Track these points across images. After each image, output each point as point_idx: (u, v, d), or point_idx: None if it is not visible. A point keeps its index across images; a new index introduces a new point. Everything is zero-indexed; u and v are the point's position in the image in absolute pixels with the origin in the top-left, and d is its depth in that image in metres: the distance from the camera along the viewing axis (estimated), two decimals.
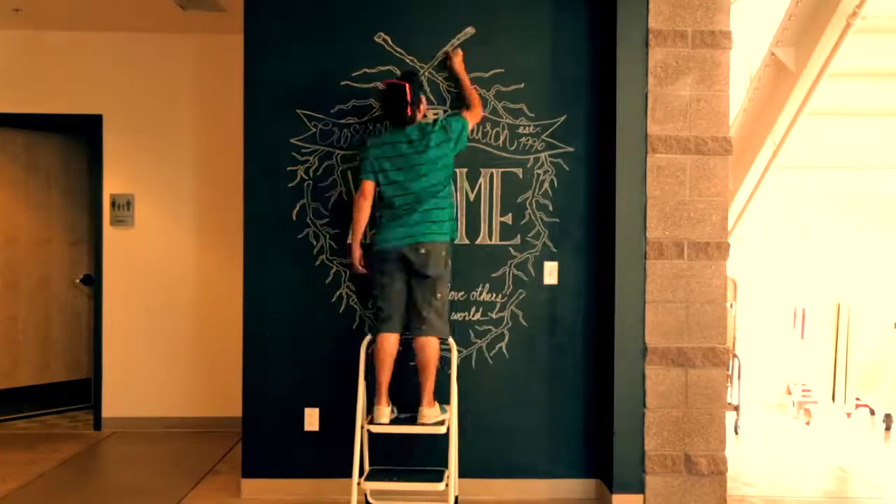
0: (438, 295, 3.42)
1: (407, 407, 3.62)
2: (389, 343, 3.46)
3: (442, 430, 3.44)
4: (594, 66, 3.77)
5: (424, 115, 3.55)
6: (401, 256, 3.39)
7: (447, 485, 3.39)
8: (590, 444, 3.79)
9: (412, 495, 3.58)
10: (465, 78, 3.67)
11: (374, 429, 3.46)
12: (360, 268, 3.53)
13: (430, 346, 3.42)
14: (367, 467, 3.60)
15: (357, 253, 3.52)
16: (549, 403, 3.78)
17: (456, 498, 3.56)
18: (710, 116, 3.60)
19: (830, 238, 6.07)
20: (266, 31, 3.75)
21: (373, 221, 3.55)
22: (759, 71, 4.71)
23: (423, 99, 3.53)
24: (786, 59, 4.40)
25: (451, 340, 3.57)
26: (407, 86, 3.36)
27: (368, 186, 3.45)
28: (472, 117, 3.56)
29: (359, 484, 3.40)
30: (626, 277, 3.60)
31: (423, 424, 3.42)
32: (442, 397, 3.57)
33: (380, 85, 3.56)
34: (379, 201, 3.48)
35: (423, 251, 3.36)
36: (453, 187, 3.55)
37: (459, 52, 3.69)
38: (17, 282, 5.40)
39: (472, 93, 3.64)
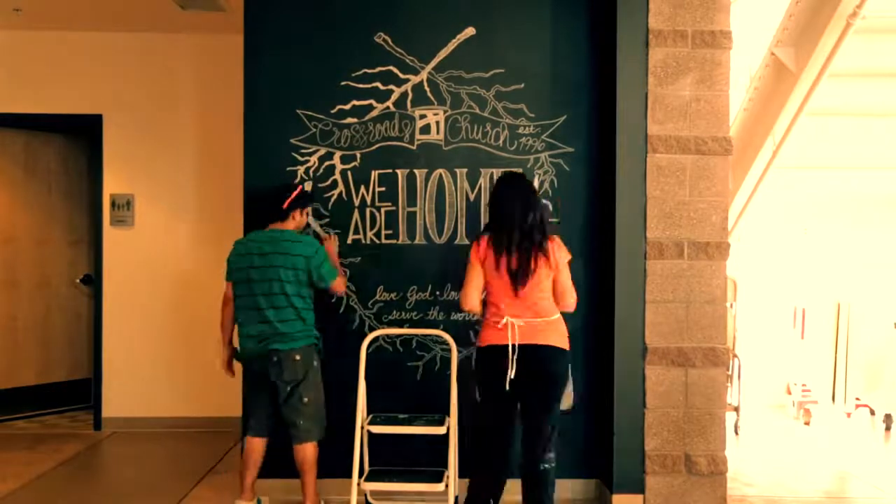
0: (305, 399, 3.38)
1: (408, 407, 3.63)
2: (256, 447, 3.48)
3: (442, 430, 3.44)
4: (594, 66, 3.77)
5: (306, 226, 3.59)
6: (261, 368, 3.40)
7: (447, 485, 3.39)
8: (590, 444, 3.79)
9: (412, 495, 3.59)
10: (334, 262, 3.57)
11: (374, 429, 3.46)
12: (227, 371, 3.58)
13: (303, 450, 3.41)
14: (367, 467, 3.60)
15: (224, 355, 3.56)
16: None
17: (456, 498, 3.56)
18: (710, 116, 3.60)
19: (830, 238, 6.07)
20: (266, 31, 3.75)
21: None
22: (759, 71, 4.71)
23: (308, 212, 3.55)
24: (786, 59, 4.39)
25: (450, 340, 3.57)
26: (300, 188, 3.49)
27: (229, 287, 3.49)
28: (338, 284, 3.48)
29: (358, 484, 3.40)
30: (626, 277, 3.60)
31: None
32: (441, 398, 3.57)
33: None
34: (236, 301, 3.46)
35: (275, 358, 3.35)
36: (311, 304, 3.44)
37: (332, 238, 3.67)
38: (17, 282, 5.40)
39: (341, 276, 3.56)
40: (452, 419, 3.46)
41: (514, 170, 3.67)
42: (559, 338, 3.10)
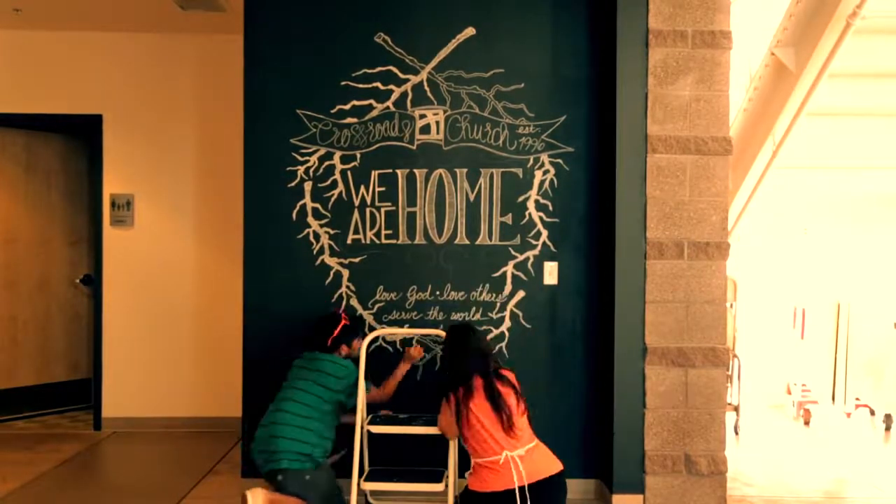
0: None
1: (407, 407, 3.63)
2: None
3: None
4: (594, 66, 3.77)
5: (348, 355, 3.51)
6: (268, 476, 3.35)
7: (447, 485, 3.39)
8: (590, 444, 3.79)
9: (412, 496, 3.59)
10: (401, 372, 3.59)
11: (374, 429, 3.46)
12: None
13: None
14: (367, 467, 3.60)
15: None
16: (549, 403, 3.78)
17: (456, 498, 3.56)
18: (710, 116, 3.60)
19: (830, 238, 6.07)
20: (266, 31, 3.75)
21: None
22: (759, 71, 4.71)
23: (355, 344, 3.50)
24: (786, 59, 4.39)
25: None
26: (343, 317, 3.48)
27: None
28: (376, 395, 3.52)
29: (358, 484, 3.40)
30: (626, 277, 3.60)
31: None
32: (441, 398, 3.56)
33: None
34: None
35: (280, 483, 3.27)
36: (324, 428, 3.37)
37: (418, 349, 3.62)
38: (17, 282, 5.40)
39: (392, 385, 3.57)
40: None
41: (513, 170, 3.68)
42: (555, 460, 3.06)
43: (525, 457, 2.96)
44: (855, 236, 6.03)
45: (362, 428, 3.47)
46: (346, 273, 3.76)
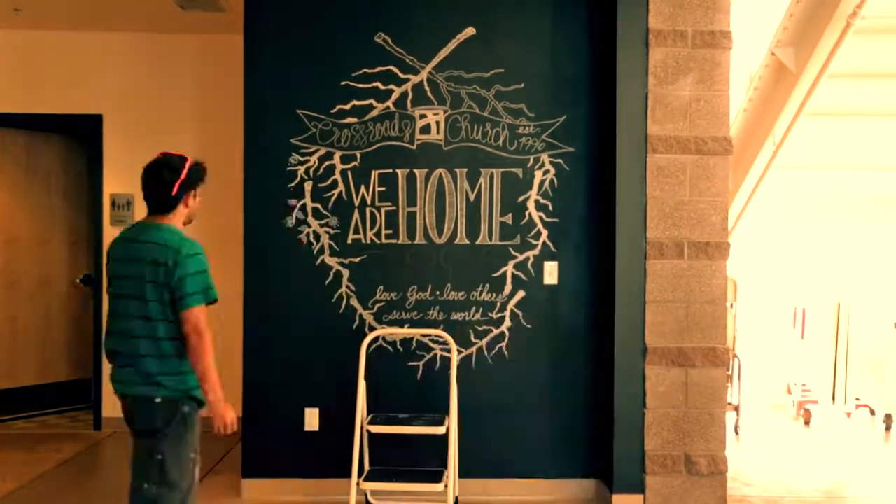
0: (158, 456, 2.53)
1: (408, 407, 3.63)
2: None
3: (441, 430, 3.45)
4: (594, 66, 3.77)
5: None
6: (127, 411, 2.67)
7: (447, 485, 3.39)
8: (590, 444, 3.79)
9: (412, 496, 3.58)
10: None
11: (374, 429, 3.46)
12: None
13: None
14: (367, 467, 3.60)
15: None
16: (549, 403, 3.78)
17: (456, 498, 3.57)
18: (710, 116, 3.60)
19: (830, 238, 6.07)
20: (266, 31, 3.75)
21: None
22: (759, 71, 4.71)
23: (193, 193, 2.73)
24: (786, 59, 4.39)
25: (450, 340, 3.57)
26: (188, 160, 2.68)
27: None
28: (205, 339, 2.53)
29: (358, 484, 3.40)
30: (626, 277, 3.60)
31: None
32: (441, 398, 3.57)
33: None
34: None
35: (135, 413, 2.62)
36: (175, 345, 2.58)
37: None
38: (18, 282, 5.40)
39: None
40: (452, 419, 3.46)
41: (513, 170, 3.68)
42: None
43: None
44: (855, 236, 6.03)
45: (362, 428, 3.47)
46: (346, 273, 3.76)
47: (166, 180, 2.62)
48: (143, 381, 2.57)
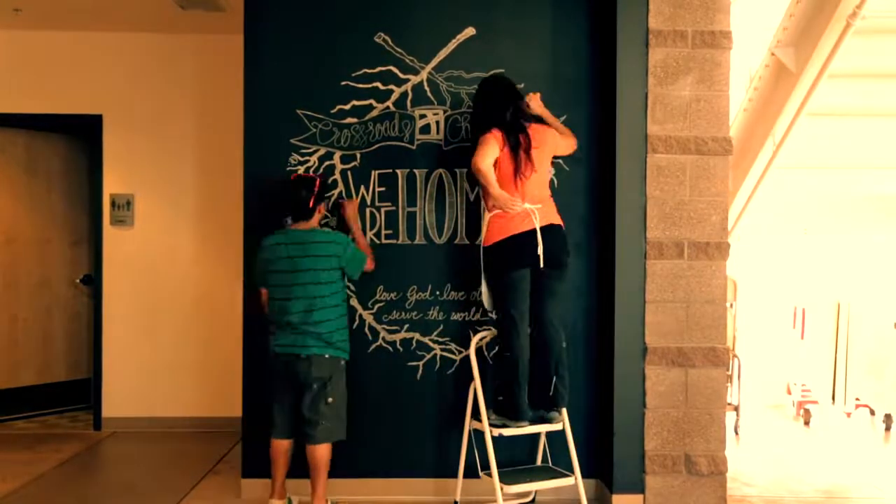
0: (330, 399, 3.36)
1: (408, 408, 3.61)
2: (281, 448, 3.45)
3: (558, 426, 3.49)
4: (594, 67, 3.77)
5: (324, 220, 3.59)
6: (286, 364, 3.39)
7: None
8: (590, 444, 3.79)
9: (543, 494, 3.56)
10: (357, 229, 3.64)
11: (497, 431, 3.41)
12: None
13: (319, 451, 3.37)
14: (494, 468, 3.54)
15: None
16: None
17: (455, 502, 3.57)
18: (710, 116, 3.60)
19: (830, 238, 6.07)
20: (266, 31, 3.75)
21: None
22: (759, 71, 4.71)
23: (324, 203, 3.53)
24: (786, 59, 4.39)
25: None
26: (318, 180, 3.45)
27: (264, 294, 3.48)
28: (369, 264, 3.52)
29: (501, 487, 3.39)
30: (626, 277, 3.60)
31: None
32: (449, 399, 3.57)
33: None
34: (270, 304, 3.46)
35: (305, 365, 3.34)
36: (345, 305, 3.48)
37: (353, 201, 3.69)
38: (18, 282, 5.40)
39: (366, 246, 3.60)
40: (564, 415, 3.50)
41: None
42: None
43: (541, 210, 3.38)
44: (855, 236, 6.03)
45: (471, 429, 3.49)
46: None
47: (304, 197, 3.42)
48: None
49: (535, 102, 3.55)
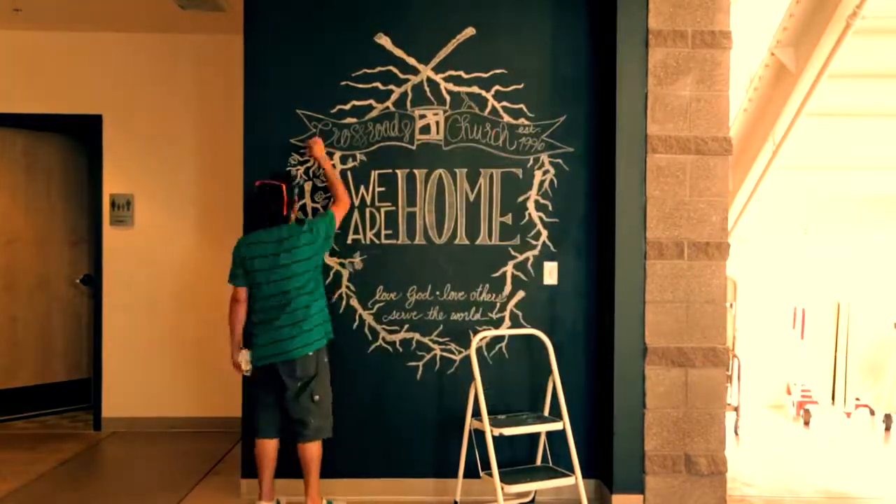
0: (316, 397, 3.38)
1: (408, 408, 3.61)
2: (268, 448, 3.46)
3: (559, 426, 3.49)
4: (594, 67, 3.77)
5: (297, 216, 3.59)
6: (269, 365, 3.38)
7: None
8: (590, 444, 3.79)
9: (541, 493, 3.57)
10: (328, 167, 3.62)
11: (497, 431, 3.42)
12: (240, 370, 3.48)
13: (311, 449, 3.39)
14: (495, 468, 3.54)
15: (236, 357, 3.48)
16: (549, 404, 3.78)
17: (455, 501, 3.57)
18: (710, 116, 3.60)
19: (830, 238, 6.06)
20: (266, 31, 3.75)
21: None
22: (759, 71, 4.71)
23: (297, 200, 3.59)
24: (786, 59, 4.39)
25: (546, 339, 3.59)
26: (283, 186, 3.44)
27: (241, 292, 3.45)
28: (340, 208, 3.55)
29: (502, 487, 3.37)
30: (626, 277, 3.60)
31: None
32: (448, 399, 3.56)
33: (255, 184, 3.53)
34: (250, 303, 3.46)
35: (292, 366, 3.34)
36: (323, 288, 3.51)
37: (318, 140, 3.65)
38: (17, 282, 5.40)
39: (338, 185, 3.60)
40: (565, 416, 3.51)
41: (513, 170, 3.70)
42: None
43: None
44: (855, 236, 6.03)
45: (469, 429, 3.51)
46: (345, 273, 3.76)
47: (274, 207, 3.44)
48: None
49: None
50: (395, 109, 3.76)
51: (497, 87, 3.75)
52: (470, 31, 3.76)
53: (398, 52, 3.75)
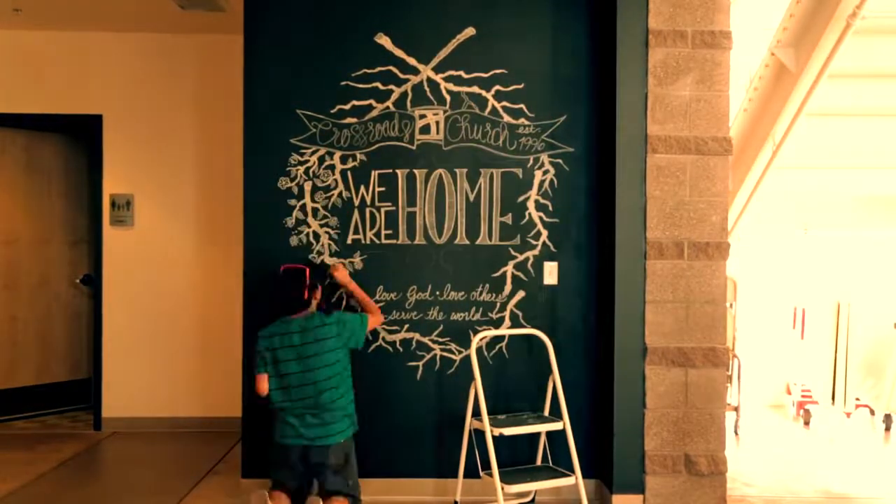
0: (350, 482, 3.31)
1: (408, 408, 3.61)
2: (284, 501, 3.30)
3: (559, 425, 3.49)
4: (594, 67, 3.77)
5: (319, 305, 3.41)
6: (301, 455, 3.28)
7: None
8: (590, 444, 3.79)
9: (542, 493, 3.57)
10: (355, 289, 3.59)
11: (498, 431, 3.41)
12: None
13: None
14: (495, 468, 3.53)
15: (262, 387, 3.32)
16: (550, 404, 3.78)
17: (455, 502, 3.57)
18: (710, 116, 3.60)
19: (830, 238, 6.07)
20: (266, 31, 3.75)
21: None
22: (759, 71, 4.71)
23: (320, 287, 3.41)
24: (786, 59, 4.39)
25: (546, 340, 3.58)
26: (307, 270, 3.36)
27: (262, 380, 3.31)
28: (372, 320, 3.49)
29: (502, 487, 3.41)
30: (626, 277, 3.60)
31: None
32: (448, 399, 3.56)
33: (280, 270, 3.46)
34: (273, 384, 3.32)
35: (320, 456, 3.25)
36: (351, 380, 3.40)
37: (339, 265, 3.62)
38: (17, 282, 5.40)
39: (368, 303, 3.58)
40: (565, 415, 3.51)
41: (513, 170, 3.69)
42: None
43: None
44: (855, 236, 6.03)
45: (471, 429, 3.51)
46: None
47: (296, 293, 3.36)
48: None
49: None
50: (395, 109, 3.76)
51: (497, 87, 3.75)
52: (470, 31, 3.76)
53: (398, 52, 3.75)
